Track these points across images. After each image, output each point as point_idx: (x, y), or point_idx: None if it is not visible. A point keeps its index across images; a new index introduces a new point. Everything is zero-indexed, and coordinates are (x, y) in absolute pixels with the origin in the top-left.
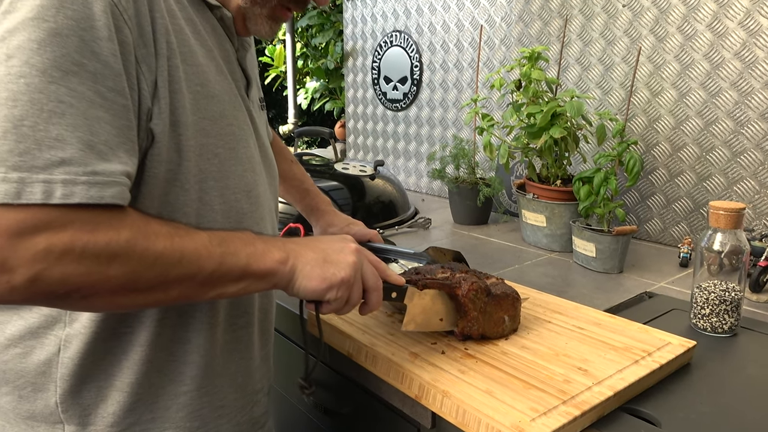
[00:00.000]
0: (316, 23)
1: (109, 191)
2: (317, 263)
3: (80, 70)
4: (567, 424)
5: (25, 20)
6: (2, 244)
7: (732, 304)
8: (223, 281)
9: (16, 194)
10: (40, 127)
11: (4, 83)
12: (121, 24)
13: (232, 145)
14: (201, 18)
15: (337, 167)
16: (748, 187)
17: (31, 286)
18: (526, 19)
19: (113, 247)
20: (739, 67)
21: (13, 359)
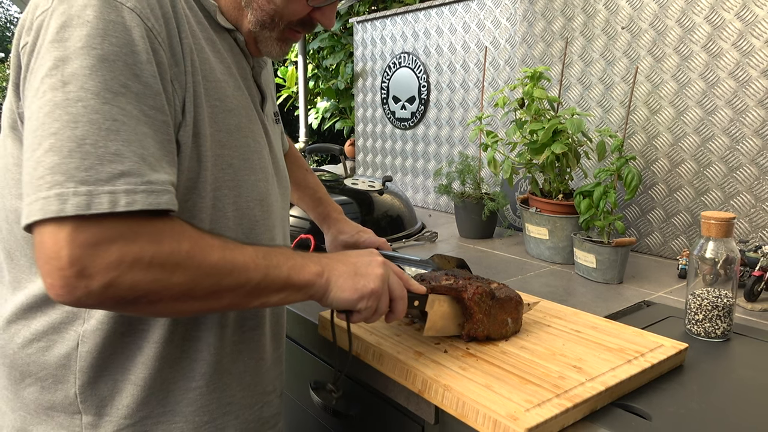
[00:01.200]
0: (328, 45)
1: (163, 198)
2: (349, 276)
3: (127, 91)
4: (559, 414)
5: (76, 49)
6: (81, 254)
7: (724, 310)
8: (267, 291)
9: (86, 206)
10: (100, 144)
11: (63, 107)
12: (156, 46)
13: (247, 156)
14: (220, 38)
15: (347, 182)
16: (744, 201)
17: (105, 291)
18: (530, 41)
19: (176, 257)
20: (733, 86)
21: (36, 353)
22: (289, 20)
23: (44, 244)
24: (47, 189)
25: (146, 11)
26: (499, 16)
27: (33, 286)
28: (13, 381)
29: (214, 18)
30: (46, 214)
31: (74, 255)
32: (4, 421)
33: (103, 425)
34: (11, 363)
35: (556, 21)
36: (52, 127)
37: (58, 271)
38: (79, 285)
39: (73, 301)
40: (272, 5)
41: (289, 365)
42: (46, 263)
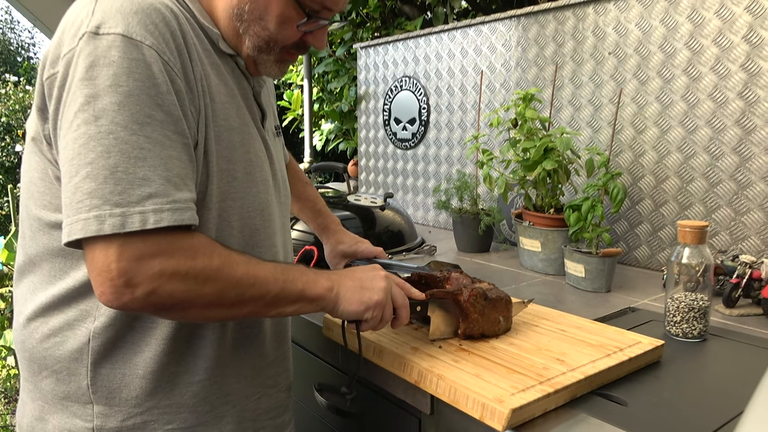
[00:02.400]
0: (332, 69)
1: (186, 214)
2: (356, 290)
3: (152, 120)
4: (541, 398)
5: (104, 87)
6: (129, 267)
7: (700, 312)
8: (284, 302)
9: (121, 225)
10: (130, 170)
11: (97, 139)
12: (174, 76)
13: (249, 169)
14: (223, 62)
15: (350, 199)
16: (725, 214)
17: (147, 298)
18: (524, 65)
19: (208, 271)
20: (712, 107)
21: (52, 347)
22: (284, 44)
23: (95, 259)
24: (87, 211)
25: (162, 46)
26: (495, 42)
27: (53, 288)
28: (33, 373)
29: (217, 45)
30: (87, 233)
31: (122, 268)
32: (24, 411)
33: (113, 414)
34: (30, 357)
35: (547, 47)
36: (87, 157)
37: (109, 281)
38: (126, 293)
39: (120, 306)
40: (267, 32)
41: (294, 368)
42: (99, 275)
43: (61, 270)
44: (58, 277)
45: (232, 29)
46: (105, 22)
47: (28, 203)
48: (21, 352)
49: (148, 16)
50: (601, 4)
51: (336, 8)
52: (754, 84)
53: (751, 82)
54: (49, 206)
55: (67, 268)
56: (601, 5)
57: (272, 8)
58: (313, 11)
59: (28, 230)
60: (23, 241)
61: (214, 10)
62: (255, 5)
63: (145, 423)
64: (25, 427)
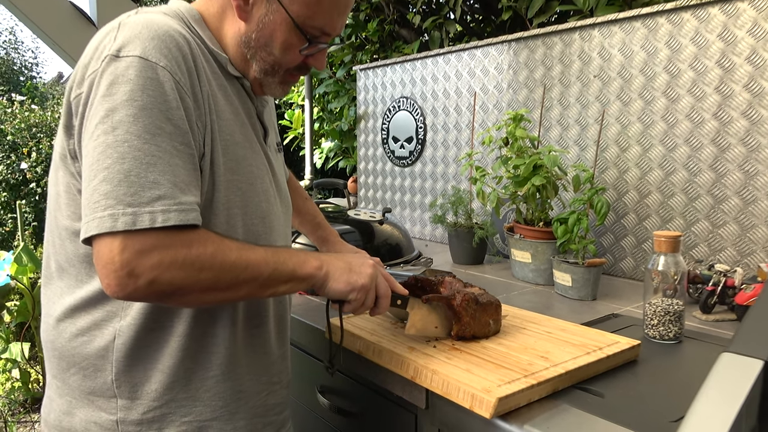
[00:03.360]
0: (333, 90)
1: (191, 215)
2: (344, 271)
3: (162, 132)
4: (525, 389)
5: (121, 102)
6: (130, 259)
7: (675, 315)
8: (276, 282)
9: (132, 223)
10: (141, 175)
11: (114, 147)
12: (183, 95)
13: (252, 181)
14: (230, 84)
15: (350, 213)
16: (703, 227)
17: (149, 287)
18: (515, 87)
19: (203, 258)
20: (689, 126)
21: (81, 345)
22: (288, 67)
23: (101, 253)
24: (102, 210)
25: (174, 68)
26: (488, 65)
27: (80, 291)
28: (61, 370)
29: (225, 68)
30: (101, 229)
31: (125, 260)
32: (52, 407)
33: (135, 407)
34: (59, 354)
35: (537, 70)
36: (105, 162)
37: (113, 273)
38: (129, 283)
39: (125, 296)
40: (272, 57)
41: (297, 371)
42: (104, 267)
43: (87, 274)
44: (84, 281)
45: (240, 55)
46: (125, 46)
47: (56, 214)
48: (50, 351)
49: (163, 42)
50: (586, 31)
51: (334, 33)
52: (727, 105)
53: (725, 104)
54: (73, 216)
55: (92, 272)
56: (586, 32)
57: (277, 36)
58: (314, 36)
59: (57, 239)
60: (52, 248)
61: (223, 37)
62: (261, 34)
63: (163, 415)
64: (51, 422)
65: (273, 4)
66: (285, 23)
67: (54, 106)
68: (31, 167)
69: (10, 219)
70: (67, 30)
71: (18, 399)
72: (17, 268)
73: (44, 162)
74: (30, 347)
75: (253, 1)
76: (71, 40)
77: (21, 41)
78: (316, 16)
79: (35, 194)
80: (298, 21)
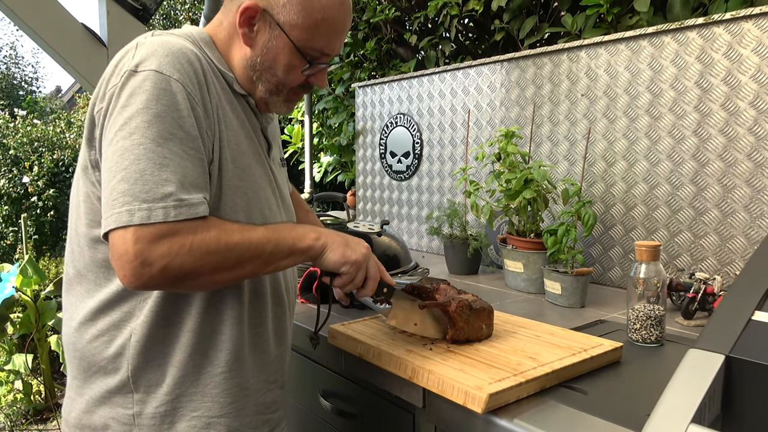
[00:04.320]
0: (332, 106)
1: (200, 209)
2: (340, 245)
3: (174, 137)
4: (514, 386)
5: (138, 110)
6: (143, 249)
7: (656, 320)
8: (278, 257)
9: (147, 218)
10: (156, 174)
11: (130, 150)
12: (194, 104)
13: (255, 188)
14: (237, 100)
15: (350, 225)
16: (686, 238)
17: (162, 273)
18: (507, 105)
19: (208, 241)
20: (671, 143)
21: (100, 346)
22: (291, 86)
23: (116, 246)
24: (120, 207)
25: (186, 80)
26: (481, 83)
27: (99, 295)
28: (82, 371)
29: (232, 86)
30: (119, 223)
31: (137, 250)
32: (72, 406)
33: (149, 401)
34: (81, 356)
35: (528, 89)
36: (122, 164)
37: (128, 263)
38: (143, 272)
39: (141, 284)
40: (276, 78)
41: (300, 375)
42: (119, 259)
43: (105, 278)
44: (102, 285)
45: (247, 76)
46: (143, 62)
47: (76, 223)
48: (71, 353)
49: (177, 58)
50: (573, 52)
51: (333, 53)
52: (705, 123)
53: (704, 122)
54: (92, 223)
55: (110, 275)
56: (574, 53)
57: (280, 59)
58: (314, 58)
59: (76, 246)
60: (72, 256)
61: (231, 59)
62: (265, 58)
63: (174, 409)
64: (72, 422)
65: (275, 31)
66: (287, 47)
67: (56, 121)
68: (33, 181)
69: (11, 232)
70: (79, 51)
71: (20, 410)
72: (22, 279)
73: (45, 176)
74: (33, 359)
75: (257, 29)
76: (83, 60)
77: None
78: (316, 39)
79: (36, 208)
80: (298, 45)
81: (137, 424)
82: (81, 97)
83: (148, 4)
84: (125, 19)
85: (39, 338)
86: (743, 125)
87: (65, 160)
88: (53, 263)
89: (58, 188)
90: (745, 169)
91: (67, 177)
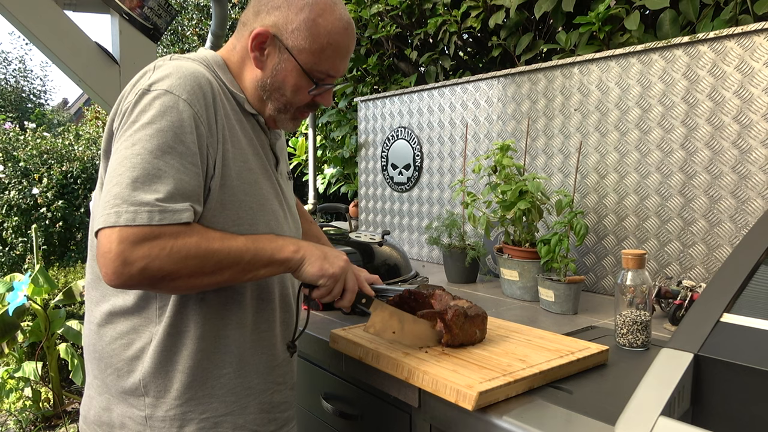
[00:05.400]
0: (335, 120)
1: (184, 215)
2: (318, 258)
3: (173, 151)
4: (503, 385)
5: (144, 124)
6: (126, 248)
7: (642, 325)
8: (257, 266)
9: (132, 220)
10: (147, 182)
11: (129, 159)
12: (198, 123)
13: (261, 202)
14: (246, 119)
15: (352, 236)
16: (675, 248)
17: (141, 273)
18: (503, 118)
19: (188, 246)
20: (660, 156)
21: (118, 348)
22: (298, 106)
23: (101, 244)
24: (110, 208)
25: (194, 100)
26: (479, 98)
27: (116, 298)
28: (100, 370)
29: (242, 106)
30: (107, 223)
31: (120, 250)
32: (91, 404)
33: (160, 404)
34: (99, 356)
35: (523, 103)
36: (119, 170)
37: (111, 262)
38: (124, 271)
39: (122, 283)
40: (285, 98)
41: (303, 379)
42: (103, 257)
43: None
44: (117, 290)
45: (257, 96)
46: (156, 82)
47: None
48: (91, 353)
49: (187, 80)
50: (567, 69)
51: (338, 75)
52: (692, 137)
53: (690, 135)
54: None
55: None
56: (567, 69)
57: (288, 81)
58: (319, 79)
59: (92, 250)
60: (91, 262)
61: (242, 80)
62: (275, 79)
63: (184, 413)
64: (91, 419)
65: (284, 54)
66: (295, 70)
67: (64, 133)
68: (42, 192)
69: (20, 242)
70: (92, 68)
71: (29, 417)
72: (33, 288)
73: (54, 188)
74: (42, 367)
75: (267, 53)
76: (96, 76)
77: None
78: (321, 62)
79: (45, 219)
80: (305, 67)
81: (149, 425)
82: (89, 110)
83: (159, 24)
84: (136, 38)
85: (48, 346)
86: (727, 139)
87: (73, 172)
88: (62, 273)
89: (66, 199)
90: (731, 180)
91: (75, 188)
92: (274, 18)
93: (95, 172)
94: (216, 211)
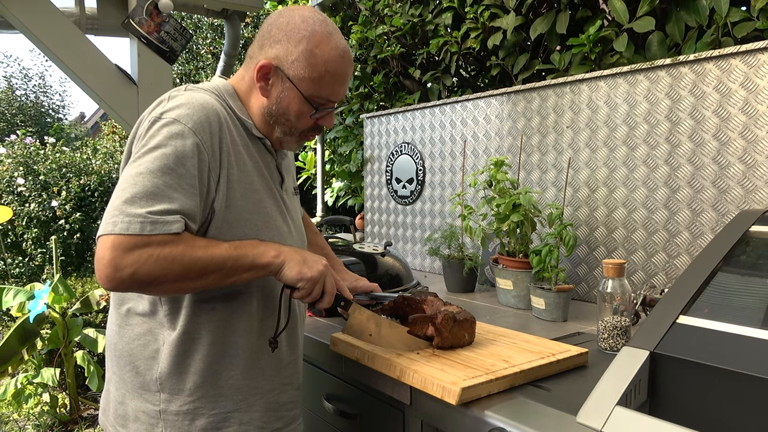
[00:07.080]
0: (342, 136)
1: (174, 227)
2: (298, 262)
3: (173, 172)
4: (485, 382)
5: (150, 147)
6: (117, 255)
7: (621, 330)
8: (239, 271)
9: (125, 229)
10: (145, 198)
11: (133, 176)
12: (201, 149)
13: (266, 219)
14: (253, 143)
15: (356, 247)
16: (661, 258)
17: (130, 278)
18: (501, 135)
19: (174, 254)
20: (646, 171)
21: (137, 347)
22: (302, 129)
23: (98, 250)
24: (109, 218)
25: (199, 128)
26: (477, 115)
27: (132, 302)
28: (119, 367)
29: (250, 131)
30: (104, 231)
31: (112, 256)
32: (110, 398)
33: (174, 401)
34: (119, 354)
35: (519, 121)
36: (123, 186)
37: (103, 267)
38: (115, 275)
39: (114, 286)
40: (289, 123)
41: (307, 382)
42: (97, 262)
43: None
44: (131, 295)
45: (264, 121)
46: (167, 111)
47: None
48: (112, 351)
49: (196, 110)
50: (559, 88)
51: (337, 99)
52: (676, 153)
53: (674, 152)
54: None
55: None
56: (559, 88)
57: (291, 107)
58: (320, 104)
59: None
60: None
61: (250, 107)
62: (279, 106)
63: (196, 408)
64: (110, 412)
65: (286, 83)
66: (297, 97)
67: (82, 147)
68: (61, 205)
69: (39, 253)
70: (112, 88)
71: (47, 422)
72: (53, 296)
73: (72, 200)
74: (59, 373)
75: (271, 82)
76: (116, 96)
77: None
78: (321, 89)
79: (63, 230)
80: (306, 94)
81: (163, 419)
82: (106, 125)
83: (175, 47)
84: (154, 60)
85: (66, 353)
86: (708, 155)
87: (91, 185)
88: (79, 282)
89: (84, 212)
90: (711, 194)
91: (93, 201)
92: (276, 51)
93: (112, 185)
94: (224, 229)
